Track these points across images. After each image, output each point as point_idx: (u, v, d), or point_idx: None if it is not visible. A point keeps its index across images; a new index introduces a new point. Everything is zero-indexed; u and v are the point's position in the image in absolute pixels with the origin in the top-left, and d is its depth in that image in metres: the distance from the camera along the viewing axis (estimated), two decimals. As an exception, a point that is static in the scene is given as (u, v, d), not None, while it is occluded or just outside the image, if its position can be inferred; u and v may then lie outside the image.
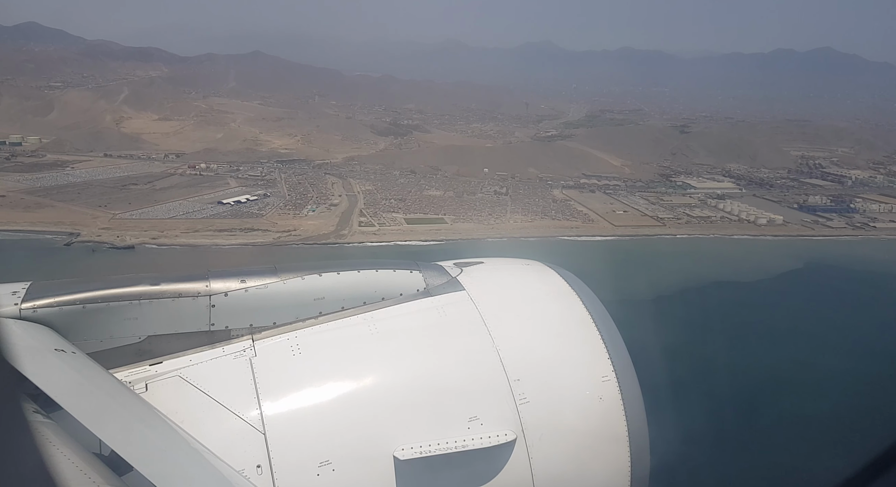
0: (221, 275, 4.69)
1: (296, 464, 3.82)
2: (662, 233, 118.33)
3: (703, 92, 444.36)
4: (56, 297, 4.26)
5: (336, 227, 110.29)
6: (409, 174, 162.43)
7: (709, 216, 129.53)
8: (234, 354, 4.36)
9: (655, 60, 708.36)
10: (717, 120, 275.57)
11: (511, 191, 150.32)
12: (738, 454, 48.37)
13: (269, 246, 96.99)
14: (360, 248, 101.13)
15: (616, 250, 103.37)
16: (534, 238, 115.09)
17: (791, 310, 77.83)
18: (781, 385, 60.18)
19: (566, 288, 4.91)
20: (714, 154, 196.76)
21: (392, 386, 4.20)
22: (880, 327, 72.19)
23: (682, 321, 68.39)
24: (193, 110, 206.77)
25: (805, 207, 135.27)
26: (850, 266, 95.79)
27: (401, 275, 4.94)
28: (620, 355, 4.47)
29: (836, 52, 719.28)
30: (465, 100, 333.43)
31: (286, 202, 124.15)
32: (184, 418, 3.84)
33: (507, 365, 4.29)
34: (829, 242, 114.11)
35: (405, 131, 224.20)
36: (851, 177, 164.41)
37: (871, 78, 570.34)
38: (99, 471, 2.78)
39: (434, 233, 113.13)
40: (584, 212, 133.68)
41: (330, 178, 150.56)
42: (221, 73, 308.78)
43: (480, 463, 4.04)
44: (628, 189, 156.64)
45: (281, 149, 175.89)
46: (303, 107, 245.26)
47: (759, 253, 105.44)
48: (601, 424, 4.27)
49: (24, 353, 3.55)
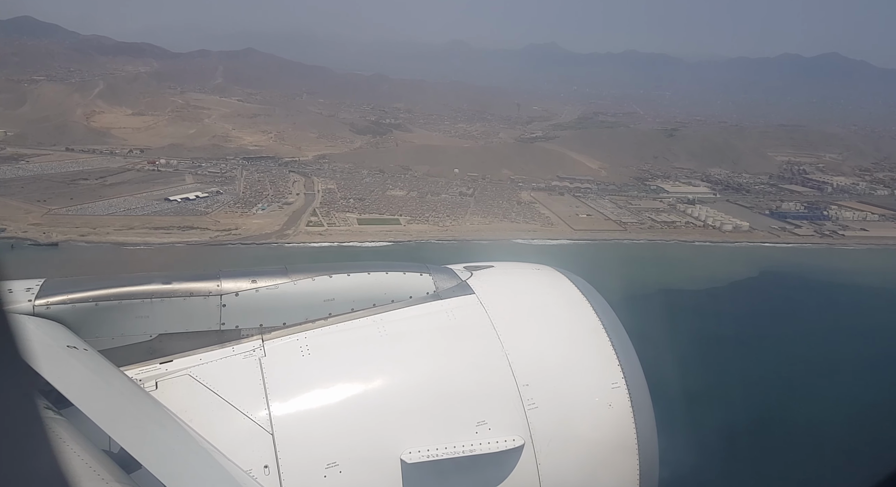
0: (232, 275, 4.70)
1: (303, 465, 3.83)
2: (621, 238, 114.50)
3: (706, 96, 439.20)
4: (69, 294, 4.29)
5: (281, 227, 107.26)
6: (378, 173, 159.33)
7: (674, 221, 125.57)
8: (244, 354, 4.38)
9: (659, 63, 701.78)
10: (710, 124, 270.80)
11: (478, 192, 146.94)
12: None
13: (203, 245, 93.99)
14: (299, 249, 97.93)
15: (564, 254, 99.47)
16: (486, 241, 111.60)
17: (728, 319, 73.93)
18: (695, 395, 56.48)
19: (576, 294, 4.87)
20: (696, 158, 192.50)
21: (400, 389, 4.19)
22: (814, 337, 68.62)
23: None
24: (169, 105, 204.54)
25: (776, 213, 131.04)
26: (804, 275, 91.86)
27: (411, 278, 4.92)
28: (631, 363, 4.43)
29: (844, 58, 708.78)
30: (457, 100, 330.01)
31: (238, 200, 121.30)
32: (193, 417, 3.86)
33: (516, 369, 4.27)
34: (791, 250, 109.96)
35: (385, 130, 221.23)
36: (832, 184, 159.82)
37: (879, 85, 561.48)
38: (108, 468, 2.82)
39: (384, 235, 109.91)
40: (547, 215, 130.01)
41: (294, 176, 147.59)
42: (209, 69, 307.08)
43: (488, 468, 4.02)
44: (599, 192, 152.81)
45: (250, 145, 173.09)
46: (284, 104, 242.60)
47: (715, 259, 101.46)
48: (610, 432, 4.22)
49: (37, 350, 3.60)
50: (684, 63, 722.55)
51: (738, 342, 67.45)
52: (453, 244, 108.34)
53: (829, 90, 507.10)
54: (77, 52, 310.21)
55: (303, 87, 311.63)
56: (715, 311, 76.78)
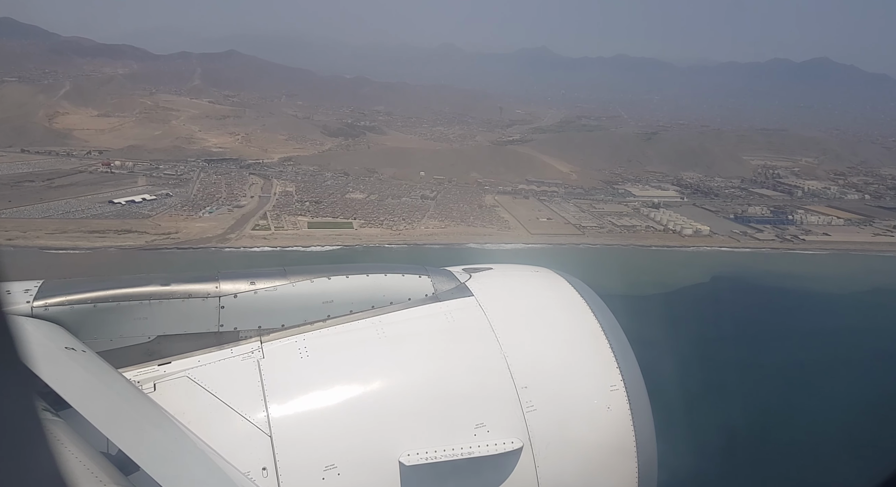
0: (231, 277, 4.69)
1: (301, 468, 3.81)
2: (577, 242, 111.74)
3: (694, 100, 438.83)
4: (67, 296, 4.28)
5: (225, 231, 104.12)
6: (342, 176, 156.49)
7: (634, 225, 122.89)
8: (243, 356, 4.37)
9: (650, 68, 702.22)
10: (691, 128, 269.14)
11: (441, 195, 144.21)
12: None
13: (135, 250, 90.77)
14: (237, 253, 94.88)
15: (513, 259, 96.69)
16: (437, 245, 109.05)
17: (666, 325, 71.14)
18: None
19: (575, 296, 4.87)
20: (670, 162, 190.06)
21: (399, 391, 4.18)
22: (756, 342, 66.09)
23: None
24: (138, 107, 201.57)
25: (741, 218, 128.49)
26: (754, 280, 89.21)
27: (409, 280, 4.92)
28: (630, 365, 4.43)
29: (833, 63, 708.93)
30: (439, 103, 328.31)
31: (186, 202, 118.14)
32: (191, 418, 3.85)
33: (514, 372, 4.26)
34: (748, 254, 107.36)
35: (358, 132, 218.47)
36: (803, 188, 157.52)
37: (868, 89, 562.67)
38: (106, 470, 2.82)
39: (333, 239, 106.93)
40: (506, 219, 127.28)
41: (253, 179, 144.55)
42: (188, 71, 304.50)
43: (486, 471, 4.01)
44: (566, 196, 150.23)
45: (215, 147, 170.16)
46: (260, 106, 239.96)
47: (668, 264, 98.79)
48: (609, 434, 4.23)
49: (35, 351, 3.59)
50: (675, 68, 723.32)
51: (669, 347, 64.64)
52: (402, 249, 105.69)
53: (818, 94, 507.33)
54: (54, 54, 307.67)
55: (283, 90, 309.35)
56: (655, 317, 74.09)
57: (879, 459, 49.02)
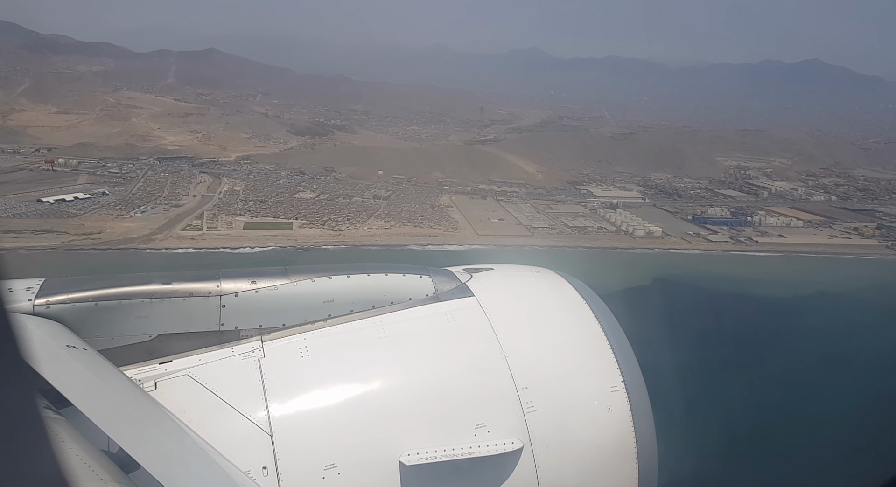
0: (232, 276, 4.69)
1: (301, 467, 3.82)
2: (522, 244, 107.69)
3: (683, 101, 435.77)
4: (69, 294, 4.29)
5: (152, 231, 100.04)
6: (298, 175, 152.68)
7: (587, 226, 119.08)
8: (243, 355, 4.36)
9: (642, 69, 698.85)
10: (673, 128, 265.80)
11: (395, 195, 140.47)
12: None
13: (46, 251, 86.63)
14: (158, 255, 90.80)
15: (445, 261, 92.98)
16: (375, 247, 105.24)
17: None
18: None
19: (576, 297, 4.85)
20: (641, 162, 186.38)
21: (399, 391, 4.18)
22: (686, 344, 62.42)
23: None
24: (99, 104, 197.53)
25: (698, 219, 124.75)
26: (695, 282, 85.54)
27: (410, 280, 4.90)
28: (630, 367, 4.41)
29: (825, 64, 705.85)
30: (421, 102, 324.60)
31: (121, 201, 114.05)
32: (192, 417, 3.86)
33: (515, 372, 4.25)
34: (696, 256, 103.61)
35: (327, 131, 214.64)
36: (770, 189, 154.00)
37: (860, 91, 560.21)
38: (107, 468, 2.83)
39: (266, 240, 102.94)
40: (457, 220, 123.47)
41: (203, 177, 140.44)
42: (164, 69, 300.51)
43: (486, 471, 4.01)
44: (526, 196, 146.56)
45: (171, 145, 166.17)
46: (231, 104, 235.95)
47: (608, 267, 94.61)
48: (609, 436, 4.21)
49: (37, 349, 3.62)
50: (666, 69, 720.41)
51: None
52: (339, 251, 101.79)
53: (809, 96, 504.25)
54: (27, 51, 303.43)
55: (260, 88, 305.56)
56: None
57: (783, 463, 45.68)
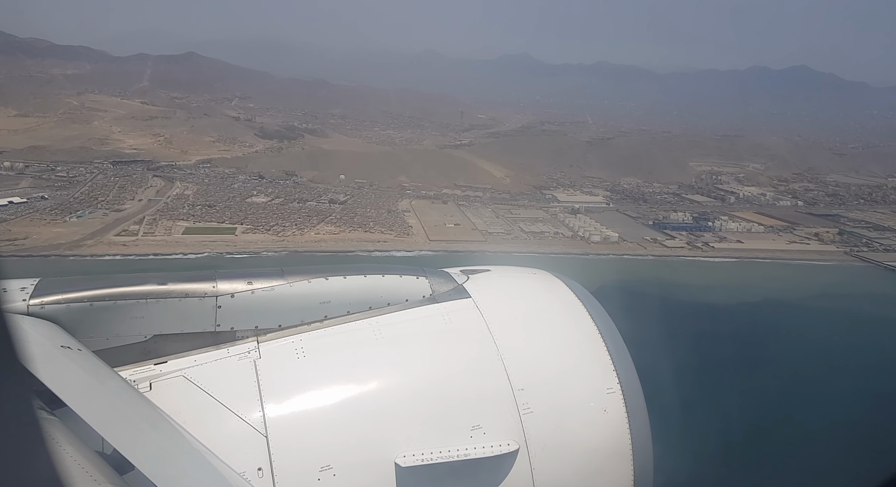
0: (228, 276, 4.65)
1: (297, 468, 3.80)
2: (473, 249, 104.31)
3: (669, 107, 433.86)
4: (64, 294, 4.25)
5: (83, 237, 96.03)
6: (256, 179, 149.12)
7: (543, 232, 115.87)
8: (239, 356, 4.35)
9: (631, 75, 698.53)
10: (651, 133, 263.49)
11: (353, 199, 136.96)
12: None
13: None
14: (83, 262, 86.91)
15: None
16: (322, 253, 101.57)
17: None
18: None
19: (573, 298, 4.82)
20: (612, 167, 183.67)
21: (395, 392, 4.16)
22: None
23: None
24: (62, 107, 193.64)
25: (659, 224, 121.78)
26: (640, 289, 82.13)
27: (407, 281, 4.87)
28: (626, 368, 4.39)
29: (812, 71, 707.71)
30: (402, 107, 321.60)
31: (59, 206, 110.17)
32: (187, 418, 3.83)
33: (511, 374, 4.24)
34: (649, 262, 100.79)
35: (297, 135, 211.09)
36: (738, 194, 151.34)
37: (847, 96, 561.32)
38: (101, 469, 2.79)
39: (204, 246, 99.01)
40: (412, 225, 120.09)
41: (155, 181, 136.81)
42: (140, 72, 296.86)
43: (482, 473, 3.99)
44: (489, 201, 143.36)
45: (129, 149, 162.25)
46: (204, 108, 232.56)
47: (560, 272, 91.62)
48: (605, 437, 4.20)
49: (31, 350, 3.54)
50: (655, 75, 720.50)
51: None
52: (280, 256, 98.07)
53: (797, 102, 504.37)
54: (0, 54, 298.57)
55: (237, 91, 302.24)
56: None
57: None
